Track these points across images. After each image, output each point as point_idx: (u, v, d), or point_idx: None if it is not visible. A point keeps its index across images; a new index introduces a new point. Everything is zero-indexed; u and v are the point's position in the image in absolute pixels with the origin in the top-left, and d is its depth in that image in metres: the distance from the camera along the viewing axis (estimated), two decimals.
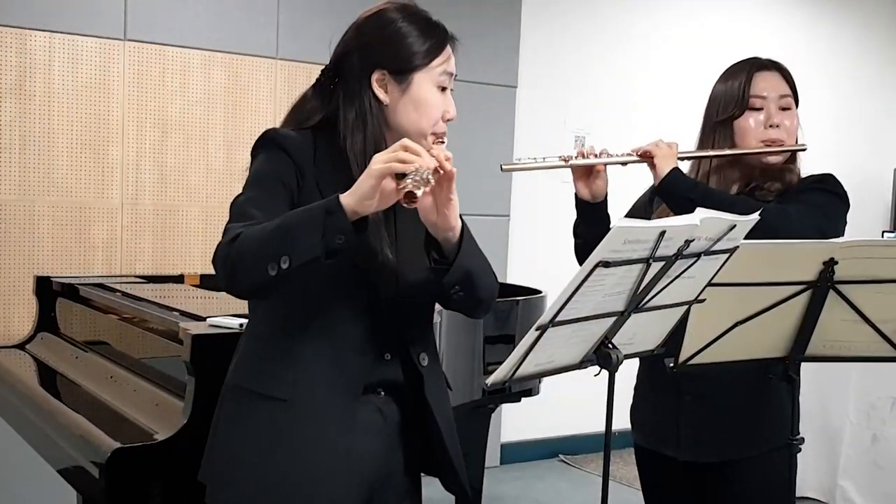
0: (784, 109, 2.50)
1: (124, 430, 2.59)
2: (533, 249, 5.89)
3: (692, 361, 2.18)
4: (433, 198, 1.84)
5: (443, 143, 2.03)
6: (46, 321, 3.65)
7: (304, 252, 1.73)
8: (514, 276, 5.56)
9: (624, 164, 2.52)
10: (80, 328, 3.53)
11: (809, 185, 2.47)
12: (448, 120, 2.05)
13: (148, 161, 4.63)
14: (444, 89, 2.04)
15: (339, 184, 1.82)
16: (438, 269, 1.93)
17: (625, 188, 2.80)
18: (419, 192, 1.69)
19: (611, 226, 2.56)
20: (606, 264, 1.79)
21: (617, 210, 2.55)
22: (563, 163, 2.53)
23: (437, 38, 2.03)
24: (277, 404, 1.96)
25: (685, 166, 2.56)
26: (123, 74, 4.54)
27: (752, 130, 2.49)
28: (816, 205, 2.38)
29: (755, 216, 1.95)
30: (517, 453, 5.99)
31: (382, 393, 2.05)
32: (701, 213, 1.84)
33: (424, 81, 2.00)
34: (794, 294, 2.09)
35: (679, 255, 1.87)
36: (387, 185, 1.74)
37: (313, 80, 2.10)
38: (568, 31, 6.05)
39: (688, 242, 1.86)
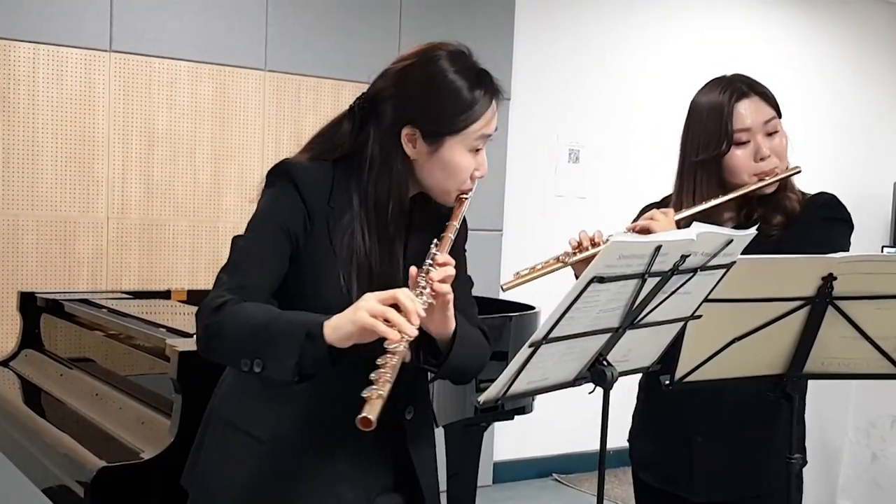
0: (770, 134, 2.40)
1: (110, 448, 2.58)
2: (526, 264, 5.85)
3: (689, 379, 2.15)
4: (430, 310, 1.79)
5: (467, 198, 1.98)
6: (31, 338, 3.62)
7: (278, 370, 1.73)
8: (506, 291, 5.53)
9: None
10: (64, 345, 3.50)
11: (816, 215, 2.38)
12: (478, 178, 1.99)
13: (134, 174, 4.59)
14: (478, 150, 1.97)
15: (349, 229, 1.86)
16: (427, 367, 1.93)
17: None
18: (375, 415, 1.59)
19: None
20: (601, 280, 1.76)
21: None
22: (561, 265, 2.46)
23: (482, 102, 1.95)
24: (258, 442, 1.95)
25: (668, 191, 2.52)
26: (109, 86, 4.50)
27: (742, 166, 2.38)
28: (827, 242, 2.26)
29: (752, 231, 1.93)
30: (510, 472, 5.96)
31: (370, 442, 1.96)
32: (697, 228, 1.82)
33: (457, 147, 1.93)
34: (793, 310, 2.05)
35: (675, 270, 1.85)
36: (367, 336, 1.70)
37: (302, 94, 2.06)
38: (561, 43, 6.05)
39: (684, 257, 1.83)
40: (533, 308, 3.54)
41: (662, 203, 2.63)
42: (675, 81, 6.46)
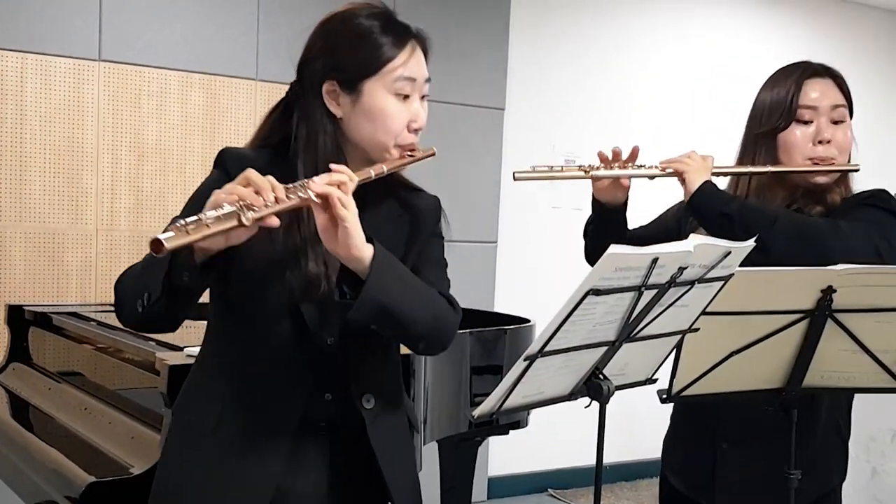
0: (836, 122, 2.32)
1: (99, 463, 2.57)
2: (521, 277, 5.86)
3: (685, 393, 2.13)
4: (329, 222, 1.71)
5: (412, 155, 1.90)
6: (18, 351, 3.61)
7: (153, 289, 1.70)
8: (501, 304, 5.52)
9: (651, 177, 2.40)
10: (53, 358, 3.49)
11: (861, 202, 2.29)
12: (415, 129, 1.90)
13: (123, 186, 4.56)
14: (406, 97, 1.88)
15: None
16: (344, 302, 1.81)
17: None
18: (169, 244, 1.50)
19: (626, 231, 2.51)
20: (597, 292, 1.74)
21: (638, 219, 2.47)
22: (582, 173, 2.40)
23: (394, 39, 1.88)
24: (209, 436, 1.89)
25: (721, 183, 2.42)
26: (98, 96, 4.47)
27: (798, 146, 2.31)
28: (873, 221, 2.19)
29: (751, 242, 1.91)
30: (505, 487, 5.93)
31: (322, 433, 1.94)
32: (694, 240, 1.79)
33: (376, 90, 1.84)
34: (792, 323, 2.04)
35: (672, 282, 1.83)
36: (227, 237, 1.62)
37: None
38: (557, 52, 6.04)
39: (681, 270, 1.81)
40: (528, 321, 3.52)
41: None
42: (673, 91, 6.47)
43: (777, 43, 6.90)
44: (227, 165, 1.87)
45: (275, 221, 1.63)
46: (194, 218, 1.54)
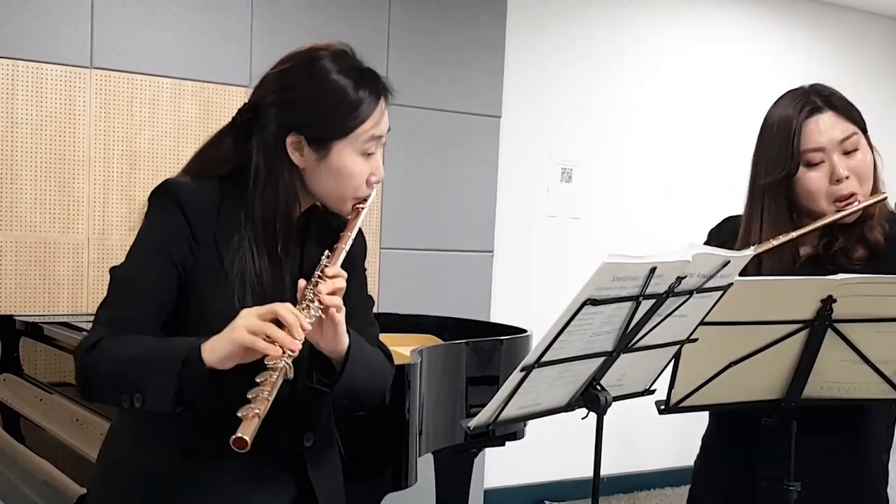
0: (849, 153, 2.20)
1: (90, 475, 2.49)
2: (518, 287, 5.84)
3: (684, 404, 2.12)
4: (318, 325, 1.74)
5: (363, 207, 1.90)
6: (9, 362, 3.61)
7: (157, 401, 1.67)
8: (497, 314, 5.50)
9: None
10: (44, 369, 3.48)
11: None
12: (374, 183, 1.90)
13: (115, 194, 4.53)
14: (370, 154, 1.87)
15: (239, 247, 1.79)
16: (318, 387, 1.85)
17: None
18: (251, 434, 1.54)
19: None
20: (594, 302, 1.73)
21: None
22: None
23: (368, 101, 1.85)
24: (143, 476, 1.86)
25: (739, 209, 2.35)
26: (90, 104, 4.45)
27: (818, 191, 2.19)
28: None
29: (750, 251, 1.89)
30: (501, 499, 5.90)
31: (266, 469, 1.92)
32: (693, 249, 1.78)
33: (346, 151, 1.84)
34: (791, 333, 2.02)
35: (670, 292, 1.81)
36: (248, 355, 1.64)
37: None
38: (553, 60, 6.02)
39: (679, 279, 1.80)
40: (525, 331, 3.51)
41: (724, 224, 2.47)
42: (669, 101, 6.46)
43: (778, 52, 6.90)
44: (182, 203, 1.83)
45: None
46: (256, 399, 1.57)
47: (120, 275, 1.83)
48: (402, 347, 3.07)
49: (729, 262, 1.83)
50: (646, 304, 1.81)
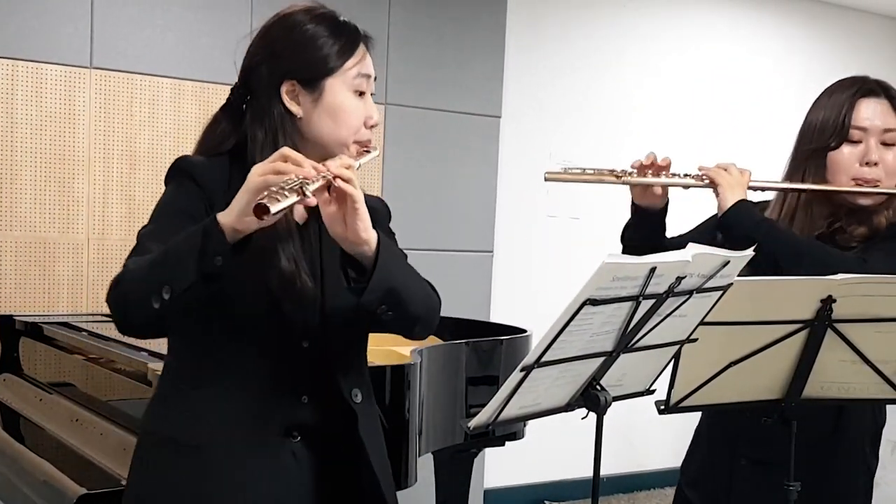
0: (887, 145, 2.28)
1: (90, 475, 2.56)
2: (518, 286, 5.84)
3: (683, 404, 2.12)
4: (337, 208, 1.72)
5: (368, 151, 1.93)
6: (9, 361, 3.61)
7: (183, 279, 1.64)
8: (497, 314, 5.50)
9: (685, 187, 2.37)
10: (44, 369, 3.48)
11: None
12: (371, 126, 1.94)
13: (115, 194, 4.52)
14: (361, 94, 1.92)
15: None
16: (355, 288, 1.79)
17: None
18: (274, 208, 1.54)
19: (665, 238, 2.48)
20: (594, 302, 1.73)
21: (677, 225, 2.43)
22: (615, 179, 2.38)
23: (348, 38, 1.92)
24: (185, 450, 1.87)
25: (771, 193, 2.42)
26: (90, 104, 4.45)
27: (844, 165, 2.27)
28: None
29: (749, 252, 1.89)
30: (501, 499, 5.90)
31: (298, 438, 1.92)
32: (693, 249, 1.78)
33: (338, 87, 1.89)
34: (791, 333, 2.03)
35: (670, 292, 1.81)
36: (263, 202, 1.61)
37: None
38: (553, 60, 6.03)
39: (679, 279, 1.80)
40: (524, 331, 3.50)
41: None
42: (670, 98, 6.46)
43: (778, 53, 6.91)
44: (194, 173, 1.87)
45: (313, 201, 1.66)
46: (280, 188, 1.58)
47: (144, 232, 1.85)
48: (402, 347, 3.07)
49: (729, 261, 1.83)
50: (646, 304, 1.81)
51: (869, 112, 2.28)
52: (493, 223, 5.71)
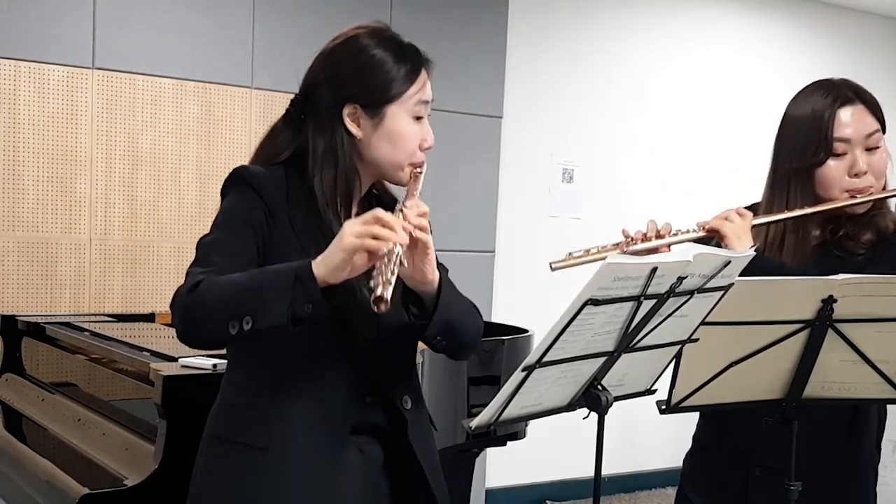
0: (870, 149, 2.24)
1: (93, 475, 2.56)
2: (519, 287, 5.84)
3: (685, 404, 2.12)
4: (408, 250, 1.78)
5: (421, 172, 1.97)
6: (11, 361, 3.60)
7: (269, 317, 1.72)
8: (499, 314, 5.50)
9: (694, 241, 2.25)
10: (46, 369, 3.47)
11: None
12: (426, 149, 2.00)
13: (117, 195, 4.53)
14: (419, 118, 1.98)
15: (312, 223, 1.86)
16: (416, 323, 1.91)
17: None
18: (388, 293, 1.62)
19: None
20: (596, 302, 1.74)
21: None
22: (620, 252, 2.35)
23: (412, 65, 1.97)
24: (257, 453, 1.91)
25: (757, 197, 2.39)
26: (92, 104, 4.45)
27: (835, 180, 2.23)
28: None
29: (751, 252, 1.89)
30: (503, 499, 5.90)
31: (364, 436, 1.99)
32: (694, 249, 1.78)
33: (399, 113, 1.95)
34: (792, 333, 2.02)
35: (671, 292, 1.82)
36: (358, 260, 1.69)
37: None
38: (555, 60, 6.03)
39: (680, 279, 1.80)
40: (526, 331, 3.50)
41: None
42: (670, 101, 6.46)
43: (779, 53, 6.90)
44: (253, 183, 1.92)
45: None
46: (380, 276, 1.64)
47: (206, 240, 1.90)
48: None
49: (730, 262, 1.83)
50: (647, 305, 1.82)
51: (849, 121, 2.23)
52: (494, 223, 5.71)
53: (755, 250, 2.00)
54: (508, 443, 3.44)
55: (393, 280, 1.64)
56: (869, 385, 2.10)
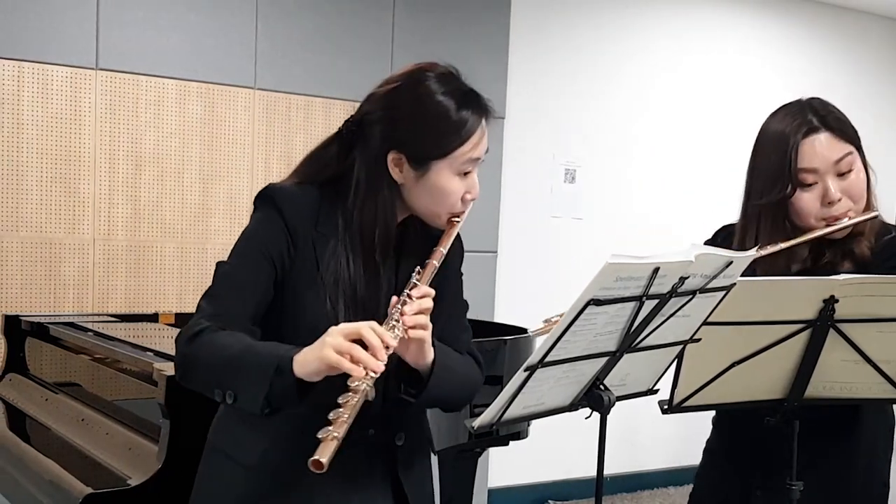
0: (843, 174, 2.19)
1: (96, 474, 2.56)
2: (521, 287, 5.83)
3: (687, 404, 2.12)
4: (404, 342, 1.79)
5: (458, 221, 1.95)
6: (15, 362, 3.59)
7: (247, 401, 1.75)
8: (501, 314, 5.50)
9: None
10: (50, 369, 3.47)
11: (887, 265, 2.17)
12: (470, 201, 1.96)
13: (121, 195, 4.54)
14: (467, 174, 1.93)
15: (336, 254, 1.86)
16: (407, 393, 1.92)
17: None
18: (325, 461, 1.59)
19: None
20: (598, 302, 1.74)
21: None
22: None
23: (469, 123, 1.91)
24: (243, 468, 1.94)
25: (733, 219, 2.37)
26: (95, 105, 4.46)
27: (809, 211, 2.19)
28: None
29: (753, 252, 1.89)
30: (505, 499, 5.90)
31: (363, 466, 1.99)
32: (696, 249, 1.78)
33: (444, 171, 1.90)
34: (794, 333, 2.02)
35: (673, 292, 1.82)
36: (334, 371, 1.69)
37: (292, 112, 2.04)
38: (556, 61, 6.03)
39: (682, 279, 1.80)
40: (528, 331, 3.50)
41: (721, 233, 2.44)
42: (672, 102, 6.46)
43: (778, 51, 6.90)
44: (282, 208, 1.91)
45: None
46: (336, 422, 1.62)
47: (224, 270, 1.91)
48: None
49: (732, 262, 1.83)
50: (649, 305, 1.82)
51: (814, 152, 2.18)
52: (497, 224, 5.71)
53: None
54: (511, 442, 3.44)
55: (342, 435, 1.62)
56: (870, 385, 2.10)
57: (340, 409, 1.64)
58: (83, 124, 4.44)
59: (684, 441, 2.65)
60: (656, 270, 1.74)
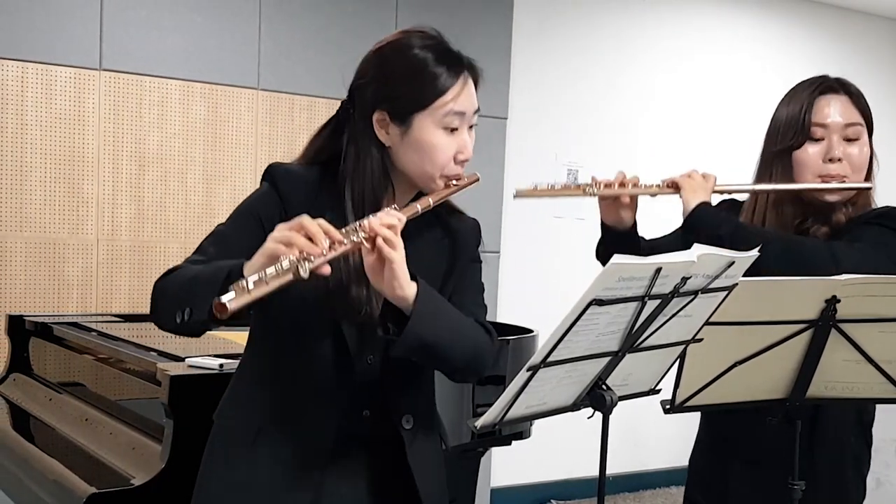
0: (850, 140, 2.29)
1: (100, 474, 2.56)
2: (524, 287, 5.84)
3: (689, 403, 2.12)
4: (376, 259, 1.74)
5: (456, 184, 1.92)
6: (19, 361, 3.59)
7: (199, 309, 1.69)
8: (504, 314, 5.50)
9: (653, 195, 2.37)
10: (54, 369, 3.46)
11: (866, 221, 2.26)
12: (462, 161, 1.92)
13: (124, 195, 4.55)
14: (454, 129, 1.89)
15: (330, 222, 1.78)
16: (387, 338, 1.86)
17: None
18: (230, 303, 1.56)
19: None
20: (600, 302, 1.74)
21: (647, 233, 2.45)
22: (581, 192, 2.37)
23: (446, 74, 1.88)
24: (249, 445, 1.93)
25: (743, 195, 2.43)
26: (99, 105, 4.47)
27: (809, 164, 2.28)
28: (874, 241, 2.17)
29: (754, 252, 1.90)
30: (508, 498, 5.90)
31: (362, 448, 1.98)
32: (698, 250, 1.79)
33: (426, 124, 1.86)
34: (795, 333, 2.03)
35: (675, 292, 1.82)
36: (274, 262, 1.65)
37: (295, 113, 2.05)
38: (560, 61, 6.03)
39: (684, 280, 1.81)
40: (531, 331, 3.50)
41: (726, 202, 2.52)
42: (675, 102, 6.47)
43: (778, 52, 6.90)
44: (276, 180, 1.92)
45: (327, 270, 1.66)
46: (255, 277, 1.58)
47: (216, 230, 1.92)
48: None
49: (734, 262, 1.84)
50: (651, 305, 1.82)
51: (829, 109, 2.29)
52: (499, 224, 5.71)
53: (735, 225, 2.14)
54: (513, 442, 3.44)
55: (256, 294, 1.58)
56: (872, 385, 2.11)
57: (263, 272, 1.60)
58: (87, 125, 4.45)
59: (686, 441, 2.64)
60: (658, 271, 1.74)
